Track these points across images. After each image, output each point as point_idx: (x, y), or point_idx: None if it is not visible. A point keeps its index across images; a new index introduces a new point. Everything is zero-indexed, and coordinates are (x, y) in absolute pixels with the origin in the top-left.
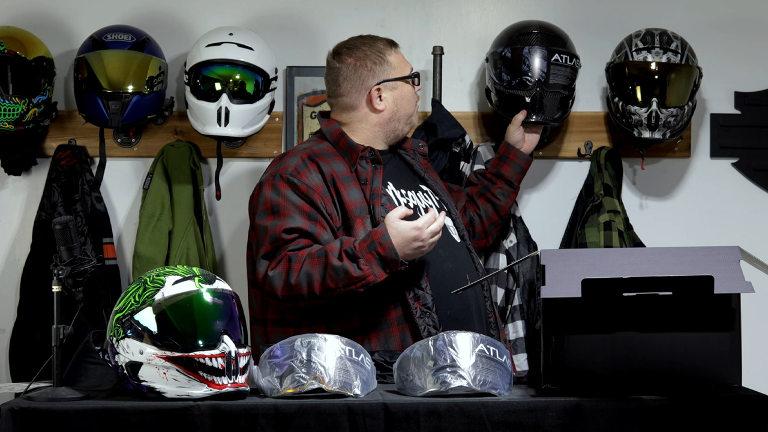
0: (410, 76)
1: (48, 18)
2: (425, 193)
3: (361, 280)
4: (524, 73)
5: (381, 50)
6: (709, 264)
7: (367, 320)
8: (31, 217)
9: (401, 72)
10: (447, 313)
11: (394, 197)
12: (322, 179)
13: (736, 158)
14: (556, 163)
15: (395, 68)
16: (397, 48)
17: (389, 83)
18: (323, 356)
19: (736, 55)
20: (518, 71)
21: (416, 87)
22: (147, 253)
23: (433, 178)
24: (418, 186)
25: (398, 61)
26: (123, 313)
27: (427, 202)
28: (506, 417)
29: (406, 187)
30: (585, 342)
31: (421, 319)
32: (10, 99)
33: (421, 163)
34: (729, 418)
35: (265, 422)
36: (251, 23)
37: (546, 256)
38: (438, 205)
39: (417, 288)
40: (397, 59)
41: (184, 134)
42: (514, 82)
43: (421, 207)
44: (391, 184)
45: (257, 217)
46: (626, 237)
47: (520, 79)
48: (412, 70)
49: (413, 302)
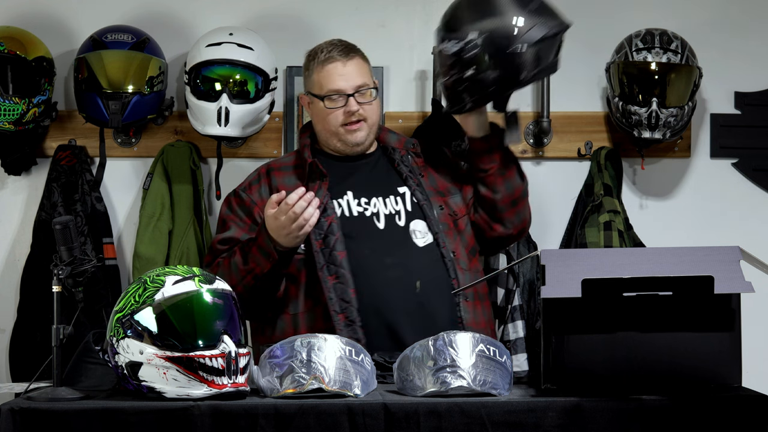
0: (323, 96)
1: (48, 18)
2: (400, 197)
3: (249, 273)
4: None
5: (313, 61)
6: (709, 264)
7: (297, 331)
8: (31, 217)
9: (320, 90)
10: (383, 325)
11: (346, 207)
12: (269, 194)
13: (736, 158)
14: (556, 163)
15: (315, 84)
16: (338, 61)
17: (311, 96)
18: (323, 356)
19: (736, 55)
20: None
21: (337, 108)
22: (147, 253)
23: (427, 179)
24: (394, 189)
25: (323, 77)
26: (123, 313)
27: (396, 207)
28: (506, 417)
29: (371, 193)
30: (585, 342)
31: (343, 332)
32: (10, 99)
33: (413, 162)
34: (729, 418)
35: (265, 422)
36: (251, 23)
37: (546, 256)
38: (410, 209)
39: (342, 300)
40: (321, 75)
41: (184, 134)
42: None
43: (383, 213)
44: (350, 193)
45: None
46: (626, 237)
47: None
48: (339, 93)
49: (336, 314)
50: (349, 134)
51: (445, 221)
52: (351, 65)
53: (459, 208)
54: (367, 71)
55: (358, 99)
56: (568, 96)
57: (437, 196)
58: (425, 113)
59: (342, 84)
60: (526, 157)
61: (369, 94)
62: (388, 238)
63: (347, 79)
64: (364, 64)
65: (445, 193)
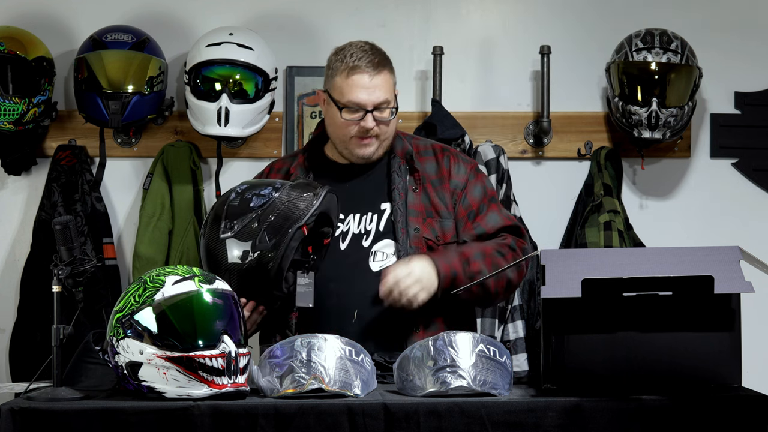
0: (342, 105)
1: (48, 18)
2: (378, 214)
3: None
4: None
5: (340, 63)
6: (709, 264)
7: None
8: (31, 217)
9: (340, 97)
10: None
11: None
12: None
13: (736, 158)
14: (556, 163)
15: (336, 88)
16: (365, 73)
17: (329, 96)
18: (323, 356)
19: (736, 55)
20: None
21: (353, 122)
22: (147, 253)
23: (420, 194)
24: (376, 205)
25: (346, 85)
26: (123, 313)
27: (368, 227)
28: (506, 417)
29: (350, 209)
30: (585, 342)
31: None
32: (10, 99)
33: (410, 173)
34: (729, 418)
35: (265, 422)
36: (251, 23)
37: (546, 256)
38: (381, 228)
39: (285, 326)
40: (345, 83)
41: (184, 134)
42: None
43: (352, 232)
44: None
45: None
46: (626, 237)
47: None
48: (358, 107)
49: (277, 337)
50: (359, 148)
51: (417, 245)
52: (377, 80)
53: (445, 233)
54: (392, 86)
55: (377, 116)
56: (568, 96)
57: (420, 216)
58: (425, 113)
59: (364, 98)
60: (526, 157)
61: (389, 112)
62: (343, 261)
63: (370, 94)
64: (390, 78)
65: (433, 213)
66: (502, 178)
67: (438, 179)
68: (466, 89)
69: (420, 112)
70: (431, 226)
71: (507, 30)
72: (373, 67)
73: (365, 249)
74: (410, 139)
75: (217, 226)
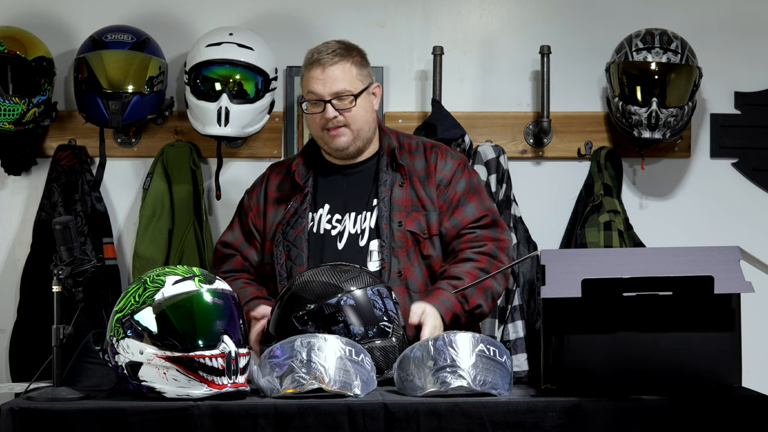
0: (305, 99)
1: (48, 18)
2: (371, 212)
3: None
4: None
5: (305, 62)
6: (709, 264)
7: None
8: (31, 217)
9: (303, 91)
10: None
11: (317, 222)
12: (263, 197)
13: (736, 158)
14: (556, 163)
15: (302, 85)
16: (320, 65)
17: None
18: (323, 356)
19: (736, 55)
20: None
21: (317, 114)
22: (147, 253)
23: (406, 188)
24: (365, 204)
25: (305, 80)
26: (123, 313)
27: (363, 226)
28: (506, 417)
29: (346, 208)
30: (585, 342)
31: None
32: (10, 99)
33: (398, 167)
34: (729, 418)
35: (265, 422)
36: (251, 23)
37: (546, 256)
38: (373, 226)
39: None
40: (305, 78)
41: (184, 134)
42: None
43: (348, 232)
44: (327, 206)
45: None
46: (626, 237)
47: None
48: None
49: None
50: (331, 140)
51: (401, 239)
52: (333, 70)
53: (431, 226)
54: (353, 76)
55: (337, 105)
56: (568, 96)
57: (404, 210)
58: (425, 113)
59: (319, 89)
60: (526, 157)
61: (349, 100)
62: (342, 260)
63: (325, 85)
64: (350, 68)
65: (419, 207)
66: (502, 178)
67: (425, 174)
68: (466, 89)
69: (420, 112)
70: (416, 220)
71: (507, 30)
72: (329, 58)
73: (361, 248)
74: (403, 138)
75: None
